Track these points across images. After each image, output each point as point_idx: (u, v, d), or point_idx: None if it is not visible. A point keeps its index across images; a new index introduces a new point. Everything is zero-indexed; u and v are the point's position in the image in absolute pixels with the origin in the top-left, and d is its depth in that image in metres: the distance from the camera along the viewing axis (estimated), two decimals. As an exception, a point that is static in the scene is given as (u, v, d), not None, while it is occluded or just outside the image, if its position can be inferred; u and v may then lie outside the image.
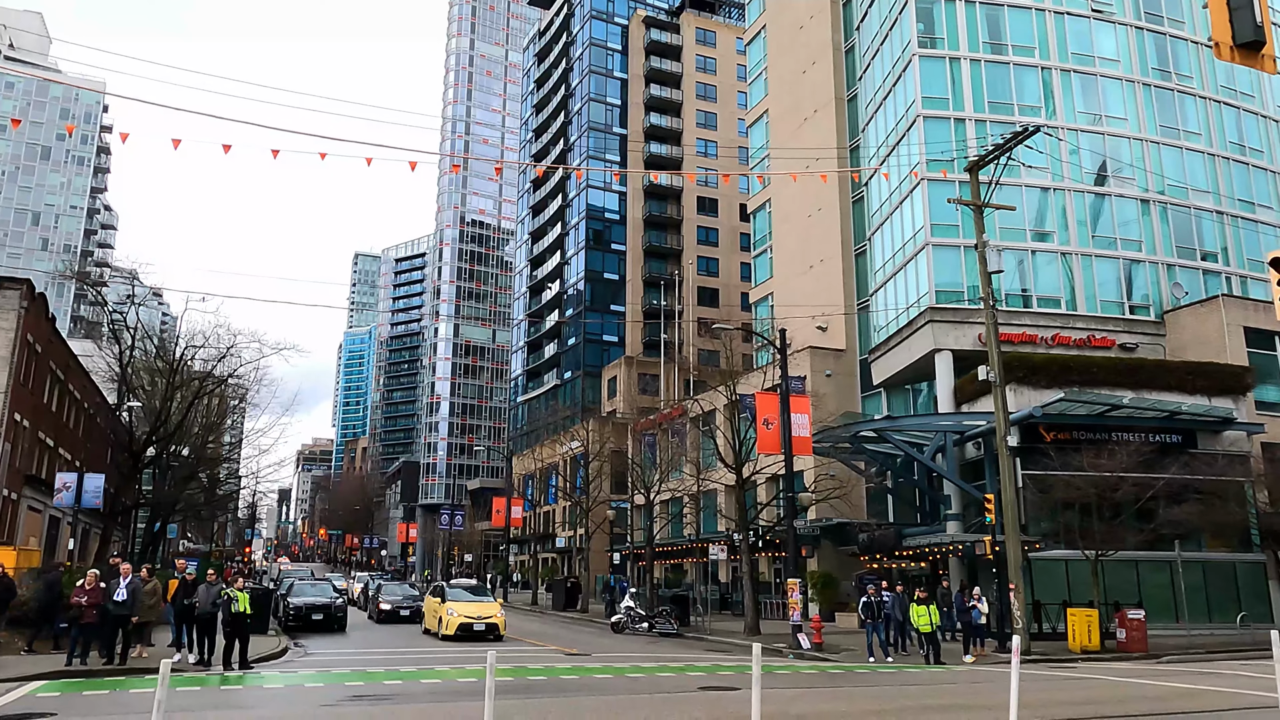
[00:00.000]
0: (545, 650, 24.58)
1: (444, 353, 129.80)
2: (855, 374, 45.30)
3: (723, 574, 48.80)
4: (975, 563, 33.57)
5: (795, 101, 52.05)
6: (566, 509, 70.60)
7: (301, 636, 27.41)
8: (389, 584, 39.63)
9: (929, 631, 22.90)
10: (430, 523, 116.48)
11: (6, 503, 34.88)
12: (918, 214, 38.24)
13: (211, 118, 22.81)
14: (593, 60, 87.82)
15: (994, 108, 38.93)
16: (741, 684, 16.13)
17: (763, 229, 56.78)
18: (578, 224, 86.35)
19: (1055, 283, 37.82)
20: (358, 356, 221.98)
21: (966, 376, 35.50)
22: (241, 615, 18.48)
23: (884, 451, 36.45)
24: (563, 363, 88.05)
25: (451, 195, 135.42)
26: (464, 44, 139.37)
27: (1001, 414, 25.63)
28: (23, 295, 34.72)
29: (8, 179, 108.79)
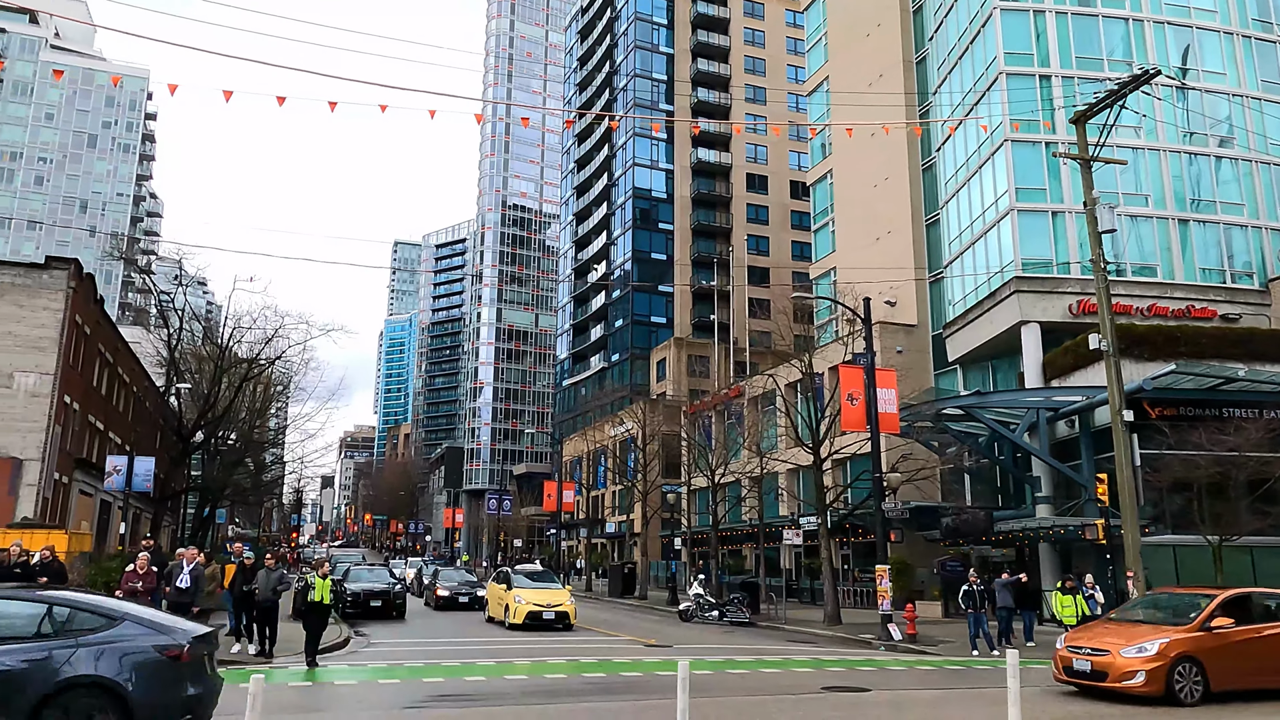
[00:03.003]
0: (621, 641, 22.95)
1: (486, 337, 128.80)
2: (928, 350, 43.07)
3: (785, 560, 47.05)
4: (1069, 549, 31.45)
5: (858, 67, 49.63)
6: (616, 494, 69.10)
7: (361, 624, 26.06)
8: (445, 569, 38.33)
9: (1074, 624, 20.54)
10: (475, 507, 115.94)
11: (58, 486, 34.05)
12: (1000, 178, 35.88)
13: (264, 64, 20.84)
14: (638, 35, 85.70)
15: (1081, 63, 36.37)
16: (869, 683, 14.34)
17: (823, 201, 54.48)
18: (624, 203, 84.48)
19: (1151, 250, 35.31)
20: (399, 344, 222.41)
21: (1057, 350, 33.27)
22: (320, 605, 16.96)
23: (967, 430, 34.30)
24: (610, 345, 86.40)
25: (493, 179, 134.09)
26: (504, 25, 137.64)
27: (1116, 387, 23.38)
28: (70, 275, 33.81)
29: (55, 167, 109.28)
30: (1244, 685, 13.08)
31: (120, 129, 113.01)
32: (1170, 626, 13.33)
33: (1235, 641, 13.09)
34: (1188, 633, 13.03)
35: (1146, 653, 12.75)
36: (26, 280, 33.01)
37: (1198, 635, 13.01)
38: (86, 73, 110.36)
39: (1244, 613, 13.67)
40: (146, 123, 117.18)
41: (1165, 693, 12.55)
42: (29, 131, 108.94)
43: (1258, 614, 13.78)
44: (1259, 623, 13.57)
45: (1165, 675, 12.52)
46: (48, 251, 75.27)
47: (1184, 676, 12.64)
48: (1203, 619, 13.24)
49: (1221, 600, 13.67)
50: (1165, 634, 13.04)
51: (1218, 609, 13.36)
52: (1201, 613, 13.40)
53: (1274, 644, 13.31)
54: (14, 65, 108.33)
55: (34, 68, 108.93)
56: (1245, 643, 13.17)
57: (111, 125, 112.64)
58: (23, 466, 30.97)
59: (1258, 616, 13.72)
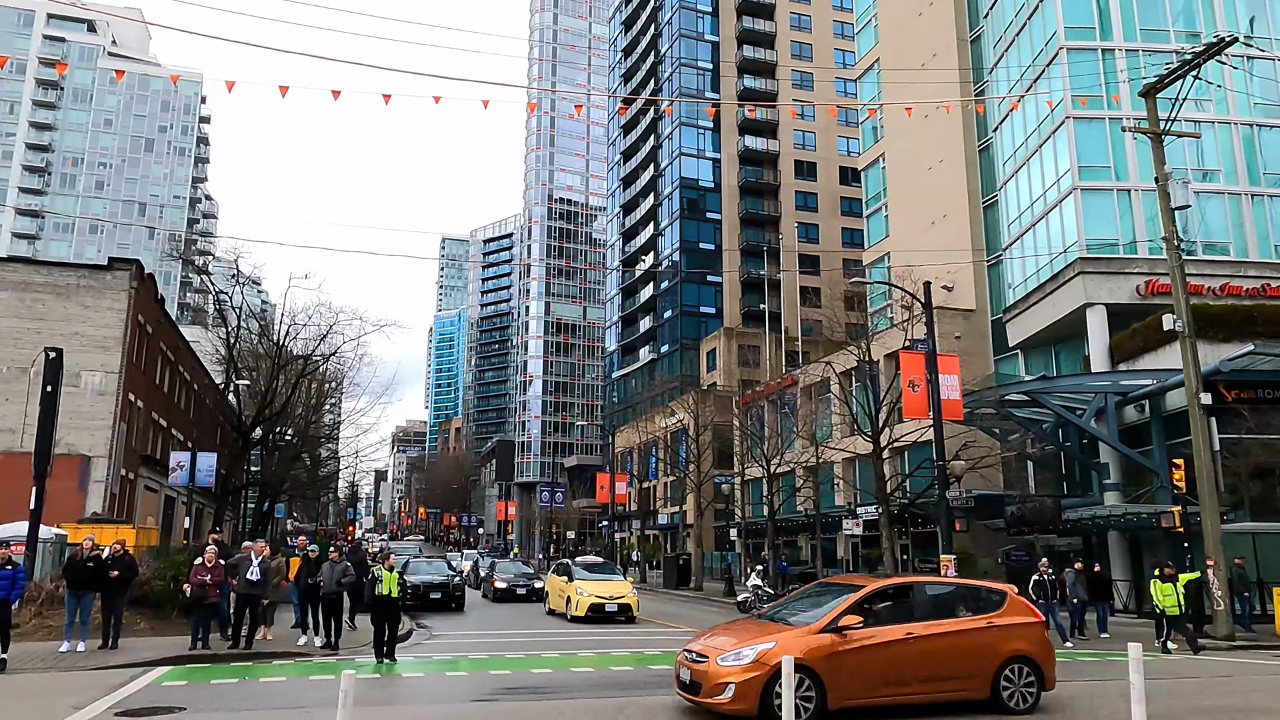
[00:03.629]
0: (682, 633, 22.68)
1: (535, 331, 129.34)
2: (987, 335, 42.10)
3: (842, 550, 46.47)
4: (1140, 537, 30.52)
5: (910, 47, 48.63)
6: (668, 485, 68.88)
7: (421, 616, 26.18)
8: (501, 562, 38.43)
9: (1176, 615, 19.61)
10: (526, 500, 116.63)
11: (124, 482, 34.78)
12: (1062, 156, 34.84)
13: (316, 58, 20.94)
14: (682, 24, 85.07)
15: (1147, 36, 35.15)
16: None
17: (875, 186, 53.55)
18: (671, 193, 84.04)
19: (1222, 227, 34.04)
20: (448, 339, 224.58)
21: (1125, 332, 32.26)
22: (388, 599, 16.31)
23: (1031, 417, 33.42)
24: (659, 336, 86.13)
25: (539, 173, 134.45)
26: (547, 19, 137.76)
27: (1192, 369, 22.57)
28: (132, 275, 34.43)
29: (114, 172, 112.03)
30: (877, 700, 10.52)
31: (176, 133, 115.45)
32: (794, 627, 10.80)
33: (869, 646, 10.50)
34: (806, 635, 10.44)
35: (742, 660, 10.17)
36: (91, 281, 33.70)
37: (819, 639, 10.38)
38: (143, 78, 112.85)
39: (896, 609, 11.20)
40: (201, 126, 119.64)
41: (760, 711, 9.97)
42: (89, 137, 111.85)
43: (919, 610, 11.18)
44: (913, 621, 10.99)
45: (760, 690, 9.95)
46: (109, 254, 77.14)
47: None
48: (830, 618, 10.61)
49: (865, 594, 11.10)
50: (774, 636, 10.49)
51: (855, 605, 10.81)
52: (830, 610, 10.84)
53: (923, 648, 10.75)
54: (74, 73, 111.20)
55: (93, 75, 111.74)
56: (882, 648, 10.58)
57: (167, 129, 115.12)
58: (91, 463, 31.66)
59: (916, 613, 11.12)
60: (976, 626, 11.24)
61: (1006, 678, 11.03)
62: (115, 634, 16.72)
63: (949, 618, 11.30)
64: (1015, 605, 11.66)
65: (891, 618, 11.06)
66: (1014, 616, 11.46)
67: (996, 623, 11.29)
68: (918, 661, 10.72)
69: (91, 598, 16.67)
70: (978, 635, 11.18)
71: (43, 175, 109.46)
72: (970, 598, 11.79)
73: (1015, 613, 11.53)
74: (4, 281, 32.45)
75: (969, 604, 11.63)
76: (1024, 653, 11.23)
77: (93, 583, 16.54)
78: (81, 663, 14.95)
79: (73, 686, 12.68)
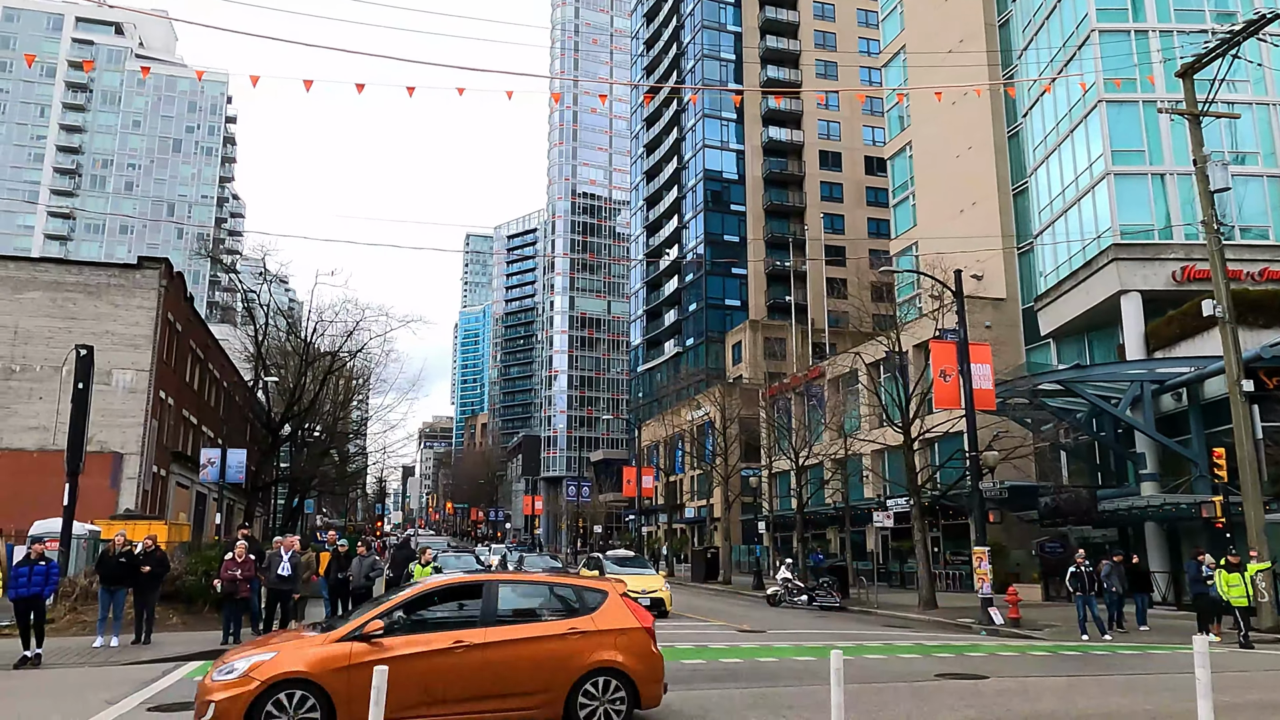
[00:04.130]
0: (713, 627, 22.53)
1: (560, 326, 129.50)
2: (1018, 325, 41.48)
3: (870, 543, 46.03)
4: (1178, 528, 29.93)
5: (937, 33, 47.95)
6: (695, 478, 68.66)
7: (451, 611, 26.18)
8: (529, 556, 38.46)
9: (1245, 606, 18.86)
10: (553, 494, 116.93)
11: (156, 479, 35.11)
12: (1094, 140, 34.18)
13: (339, 51, 20.88)
14: (705, 15, 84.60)
15: (1181, 16, 34.39)
16: (984, 670, 13.63)
17: (902, 175, 52.94)
18: (695, 186, 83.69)
19: (1260, 211, 33.28)
20: (473, 335, 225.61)
21: (1160, 319, 31.65)
22: None
23: (1064, 407, 32.89)
24: (684, 329, 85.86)
25: (562, 167, 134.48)
26: (569, 13, 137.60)
27: (1233, 355, 22.04)
28: (162, 274, 34.72)
29: (143, 173, 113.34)
30: None
31: (203, 133, 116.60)
32: (314, 635, 9.36)
33: (404, 657, 8.85)
34: (319, 645, 8.95)
35: (232, 674, 8.65)
36: (121, 280, 34.02)
37: (334, 649, 8.84)
38: (170, 80, 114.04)
39: (458, 613, 9.70)
40: (227, 126, 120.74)
41: None
42: (118, 139, 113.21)
43: (489, 614, 9.51)
44: (481, 626, 9.37)
45: (244, 711, 8.36)
46: (139, 254, 78.02)
47: (284, 712, 8.43)
48: (355, 625, 9.11)
49: (411, 595, 9.66)
50: (278, 646, 9.12)
51: (392, 609, 9.32)
52: (360, 615, 9.42)
53: (480, 659, 9.14)
54: (102, 76, 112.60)
55: (121, 77, 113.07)
56: (421, 659, 8.96)
57: (195, 130, 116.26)
58: (123, 460, 31.97)
59: (485, 618, 9.46)
60: (554, 633, 9.55)
61: (587, 693, 9.32)
62: (148, 629, 16.81)
63: (530, 622, 9.69)
64: (615, 609, 9.92)
65: (447, 623, 9.50)
66: (610, 621, 9.74)
67: (582, 628, 9.60)
68: (470, 675, 9.07)
69: (124, 593, 16.75)
70: (554, 643, 9.47)
71: (73, 177, 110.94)
72: (558, 599, 10.12)
73: (613, 617, 9.80)
74: (36, 281, 32.83)
75: (556, 607, 10.00)
76: (613, 664, 9.48)
77: (125, 578, 16.63)
78: (115, 658, 15.02)
79: (106, 681, 12.72)
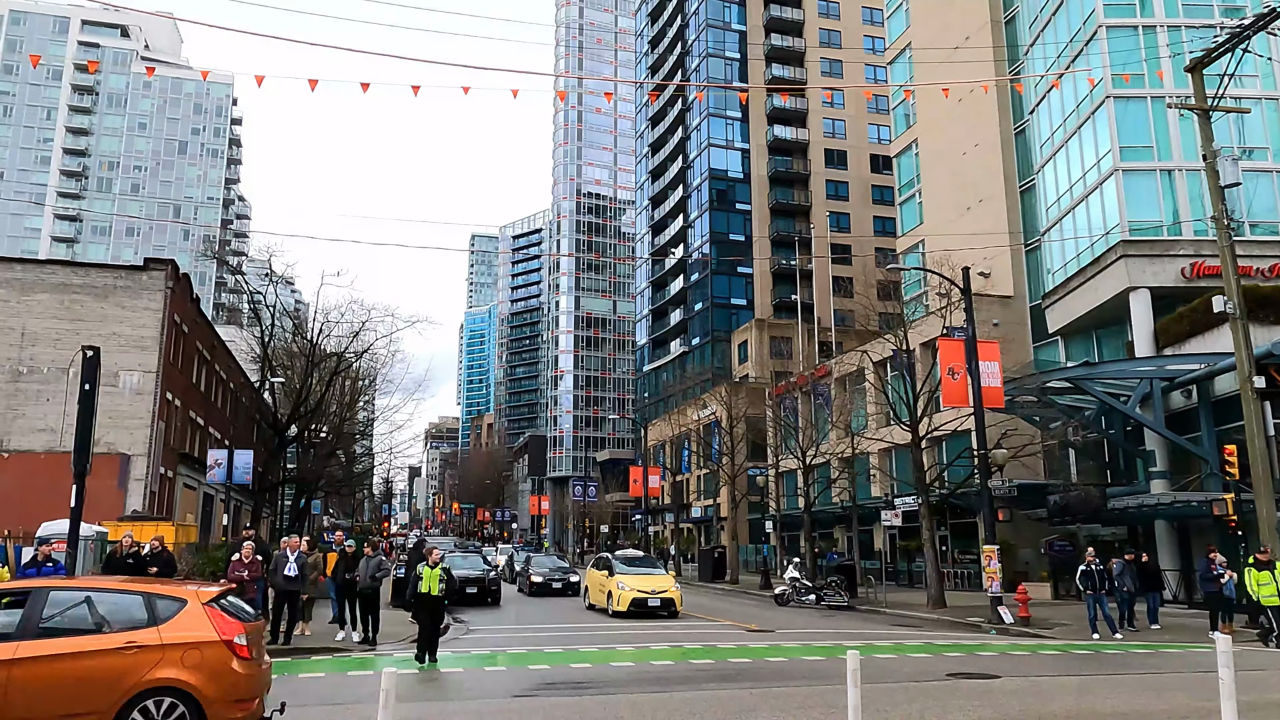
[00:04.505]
0: (722, 626, 22.46)
1: (565, 326, 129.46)
2: (1025, 322, 41.30)
3: (878, 541, 45.88)
4: (1188, 526, 29.76)
5: (942, 30, 47.75)
6: (701, 478, 68.55)
7: (457, 611, 26.14)
8: (538, 556, 38.39)
9: (1277, 605, 18.30)
10: (559, 495, 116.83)
11: (163, 480, 35.12)
12: (1102, 136, 34.00)
13: (344, 50, 20.83)
14: (709, 14, 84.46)
15: (1189, 11, 34.20)
16: (995, 669, 13.53)
17: (909, 172, 52.76)
18: (700, 185, 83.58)
19: (1271, 206, 33.05)
20: (479, 335, 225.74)
21: (1170, 316, 31.46)
22: (428, 598, 14.92)
23: (1073, 404, 32.71)
24: (690, 329, 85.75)
25: (567, 167, 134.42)
26: (573, 13, 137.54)
27: (1245, 352, 21.84)
28: (168, 276, 34.73)
29: (149, 175, 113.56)
30: None
31: (208, 135, 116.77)
32: None
33: None
34: None
35: None
36: (128, 282, 34.02)
37: None
38: (175, 82, 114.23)
39: None
40: (233, 128, 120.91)
41: None
42: (124, 141, 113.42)
43: (32, 626, 8.47)
44: (21, 639, 8.36)
45: None
46: (145, 256, 78.18)
47: None
48: None
49: None
50: None
51: None
52: None
53: (57, 668, 8.25)
54: (108, 78, 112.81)
55: (127, 79, 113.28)
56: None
57: (200, 132, 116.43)
58: (130, 461, 31.97)
59: (26, 630, 8.44)
60: (106, 648, 8.45)
61: (145, 713, 8.29)
62: (156, 630, 16.75)
63: (80, 636, 8.55)
64: (190, 620, 8.76)
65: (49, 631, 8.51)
66: (180, 634, 8.61)
67: (142, 642, 8.50)
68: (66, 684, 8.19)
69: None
70: (105, 659, 8.37)
71: (79, 179, 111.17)
72: (122, 609, 8.83)
73: (185, 629, 8.67)
74: (43, 283, 32.84)
75: (120, 618, 8.74)
76: (175, 682, 8.40)
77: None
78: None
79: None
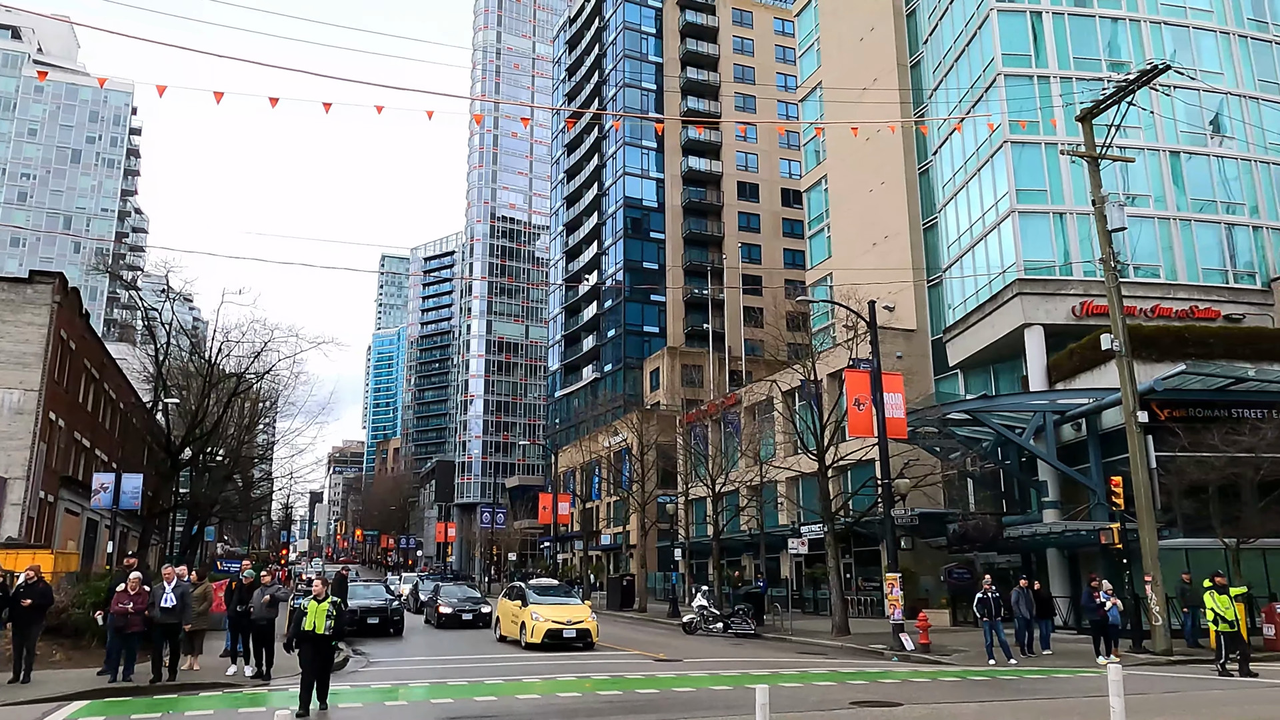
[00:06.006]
0: (630, 656, 22.30)
1: (476, 350, 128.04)
2: (928, 355, 42.65)
3: (785, 569, 46.41)
4: (1078, 554, 30.99)
5: (852, 71, 49.38)
6: (612, 505, 68.35)
7: (359, 643, 25.32)
8: (446, 585, 37.51)
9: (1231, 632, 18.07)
10: (466, 521, 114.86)
11: (43, 505, 33.16)
12: (1000, 179, 35.55)
13: (253, 63, 20.39)
14: (626, 45, 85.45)
15: (1080, 64, 36.13)
16: (897, 697, 13.74)
17: (818, 207, 54.15)
18: (615, 213, 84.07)
19: (1152, 250, 35.00)
20: (387, 358, 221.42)
21: (1062, 352, 32.89)
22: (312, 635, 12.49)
23: (972, 435, 33.82)
24: (602, 355, 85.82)
25: (481, 190, 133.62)
26: (490, 37, 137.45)
27: (1129, 387, 22.99)
28: (55, 289, 33.05)
29: (39, 183, 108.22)
30: None
31: (104, 144, 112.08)
32: None
33: None
34: None
35: None
36: (11, 295, 32.23)
37: None
38: (70, 88, 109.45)
39: None
40: (131, 138, 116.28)
41: None
42: (11, 147, 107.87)
43: None
44: None
45: None
46: (30, 268, 74.27)
47: None
48: None
49: None
50: None
51: None
52: None
53: None
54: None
55: (16, 83, 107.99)
56: None
57: (96, 140, 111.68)
58: (7, 485, 30.10)
59: None
60: None
61: None
62: (28, 666, 15.72)
63: None
64: None
65: None
66: None
67: None
68: None
69: (2, 628, 15.67)
70: None
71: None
72: None
73: None
74: (-84, 294, 30.83)
75: None
76: None
77: (2, 612, 15.56)
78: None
79: (-22, 725, 11.81)
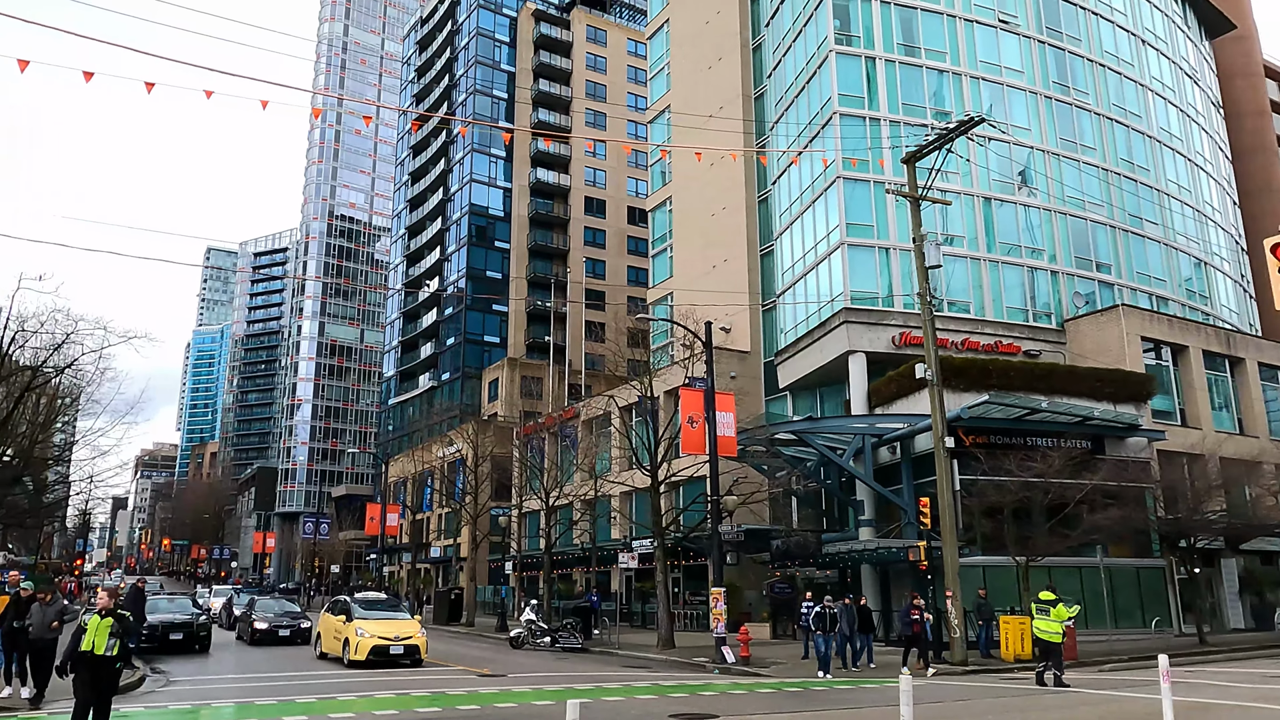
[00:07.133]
0: (454, 671, 21.85)
1: (307, 352, 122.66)
2: (760, 376, 44.20)
3: (616, 583, 46.81)
4: (889, 570, 32.79)
5: (699, 98, 50.75)
6: (443, 517, 66.91)
7: (159, 660, 23.64)
8: (262, 599, 35.51)
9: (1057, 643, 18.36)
10: (288, 531, 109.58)
11: None
12: (832, 213, 37.43)
13: (74, 36, 18.78)
14: (479, 51, 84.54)
15: (908, 110, 38.63)
16: (715, 710, 14.09)
17: (662, 227, 55.25)
18: (460, 219, 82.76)
19: (964, 288, 37.73)
20: (208, 357, 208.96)
21: (882, 379, 34.83)
22: (90, 657, 10.59)
23: (797, 455, 35.28)
24: (440, 363, 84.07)
25: (320, 187, 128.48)
26: (337, 29, 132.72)
27: (940, 414, 24.61)
28: None
29: None
30: None
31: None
32: None
33: None
34: None
35: None
36: None
37: None
38: None
39: None
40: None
41: None
42: None
43: None
44: None
45: None
46: None
47: None
48: None
49: None
50: None
51: None
52: None
53: None
54: None
55: None
56: None
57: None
58: None
59: None
60: None
61: None
62: None
63: None
64: None
65: None
66: None
67: None
68: None
69: None
70: None
71: None
72: None
73: None
74: None
75: None
76: None
77: None
78: None
79: None
